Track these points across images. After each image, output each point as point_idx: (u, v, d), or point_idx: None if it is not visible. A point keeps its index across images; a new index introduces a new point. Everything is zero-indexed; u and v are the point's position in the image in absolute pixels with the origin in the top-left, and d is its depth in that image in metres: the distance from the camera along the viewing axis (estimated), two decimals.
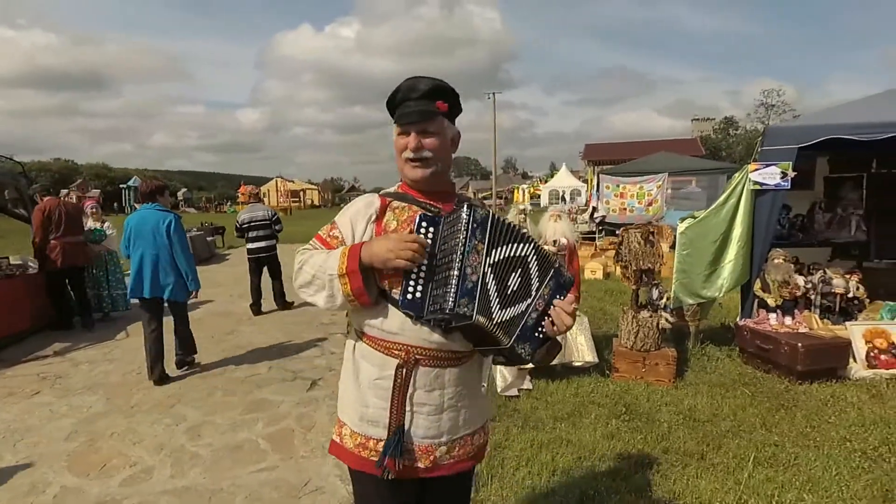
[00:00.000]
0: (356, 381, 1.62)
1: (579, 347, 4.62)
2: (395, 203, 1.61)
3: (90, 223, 7.52)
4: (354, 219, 1.61)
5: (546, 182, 47.23)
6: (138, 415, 4.16)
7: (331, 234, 1.63)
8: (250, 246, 7.51)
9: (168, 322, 5.05)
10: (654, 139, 47.59)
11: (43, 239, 6.53)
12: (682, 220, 5.19)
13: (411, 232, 1.50)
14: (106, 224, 7.62)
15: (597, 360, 4.66)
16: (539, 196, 41.06)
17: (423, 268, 1.46)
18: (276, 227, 7.65)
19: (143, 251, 4.81)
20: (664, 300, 4.80)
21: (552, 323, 1.52)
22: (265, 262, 7.60)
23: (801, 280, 5.04)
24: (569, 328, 1.54)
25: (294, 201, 57.78)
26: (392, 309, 1.52)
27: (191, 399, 4.47)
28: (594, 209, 15.54)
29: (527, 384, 4.44)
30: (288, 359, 5.55)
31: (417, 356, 1.53)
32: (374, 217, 1.59)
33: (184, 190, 64.22)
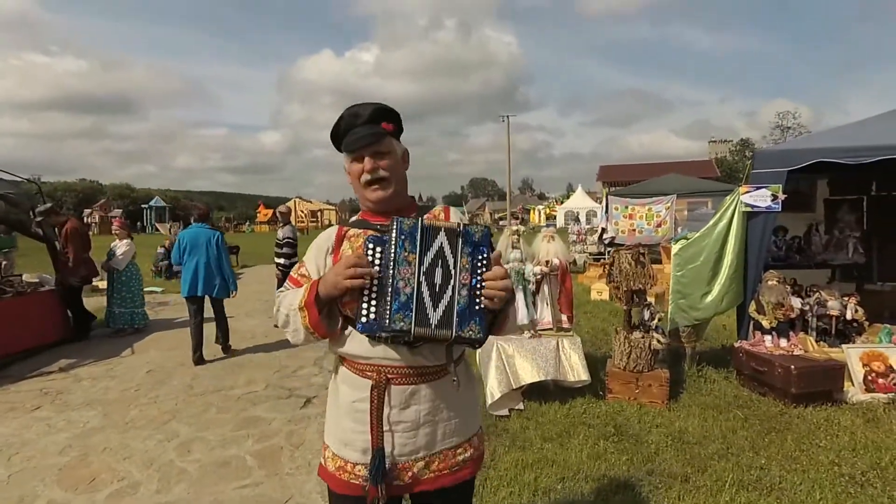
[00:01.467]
0: (336, 404, 1.65)
1: (573, 366, 4.61)
2: (352, 231, 1.65)
3: (116, 242, 7.79)
4: (316, 254, 1.67)
5: (562, 203, 47.24)
6: (132, 430, 4.24)
7: (299, 272, 1.68)
8: (284, 262, 7.66)
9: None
10: (670, 160, 47.47)
11: (77, 256, 7.09)
12: (677, 241, 5.20)
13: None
14: (124, 242, 7.77)
15: (590, 379, 4.64)
16: (555, 217, 41.03)
17: (375, 288, 1.45)
18: (292, 247, 7.83)
19: (197, 259, 6.12)
20: (656, 321, 4.79)
21: (489, 298, 1.45)
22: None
23: (796, 302, 5.00)
24: (508, 293, 1.47)
25: (312, 221, 58.38)
26: (354, 332, 1.54)
27: (185, 416, 4.54)
28: (603, 230, 15.54)
29: (519, 405, 4.44)
30: (285, 377, 5.62)
31: (389, 375, 1.54)
32: (330, 249, 1.64)
33: (193, 206, 65.28)
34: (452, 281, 1.45)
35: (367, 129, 1.60)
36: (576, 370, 4.60)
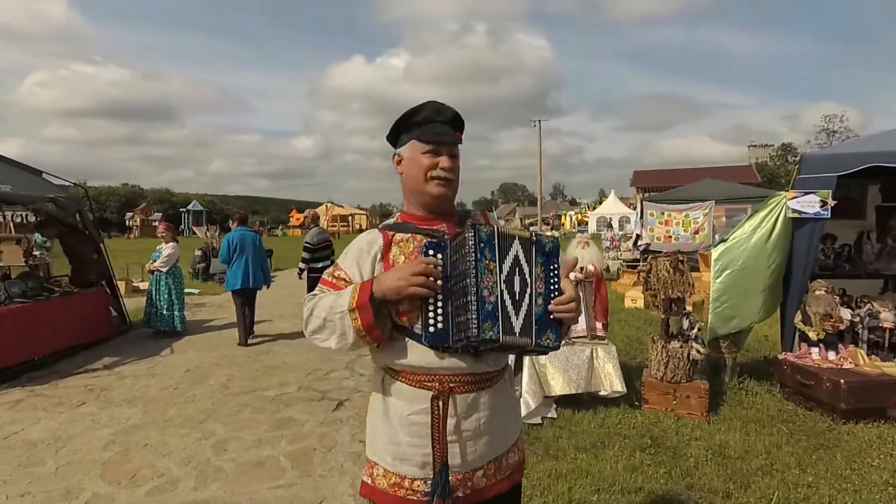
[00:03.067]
0: (386, 418, 1.58)
1: (608, 376, 4.51)
2: (399, 236, 1.59)
3: (161, 245, 8.05)
4: (359, 258, 1.59)
5: (594, 209, 46.62)
6: (171, 428, 4.33)
7: (335, 275, 1.61)
8: (320, 265, 7.75)
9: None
10: (707, 166, 46.28)
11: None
12: (715, 245, 5.05)
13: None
14: (169, 245, 7.94)
15: (625, 389, 4.53)
16: (586, 223, 40.54)
17: (440, 297, 1.43)
18: (332, 250, 8.08)
19: (245, 258, 7.11)
20: (695, 330, 4.65)
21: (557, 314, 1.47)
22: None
23: (846, 313, 4.78)
24: (577, 314, 1.50)
25: (343, 226, 59.14)
26: (416, 343, 1.48)
27: (221, 415, 4.62)
28: (637, 236, 15.25)
29: (552, 413, 4.36)
30: (318, 379, 5.67)
31: (452, 384, 1.50)
32: (379, 255, 1.57)
33: (235, 212, 66.96)
34: (529, 289, 1.45)
35: (449, 129, 1.59)
36: (610, 380, 4.50)
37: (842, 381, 4.13)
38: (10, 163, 7.32)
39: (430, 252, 1.46)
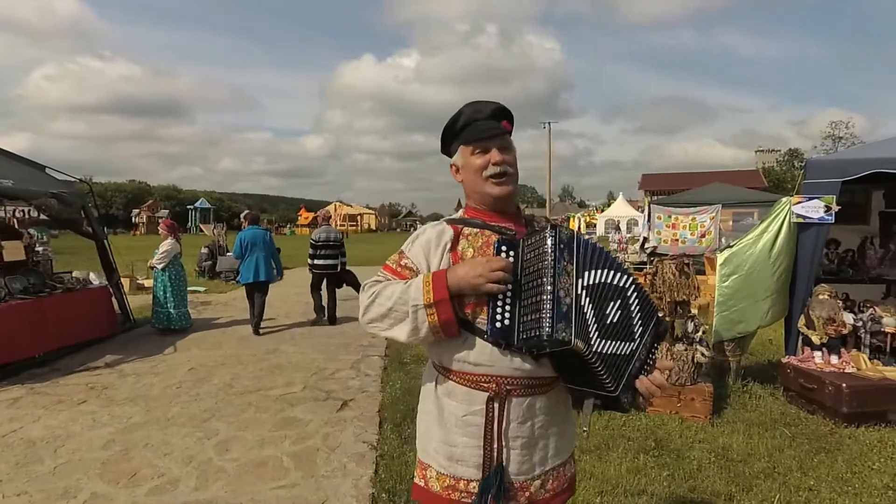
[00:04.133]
0: (440, 419, 1.54)
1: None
2: (468, 230, 1.56)
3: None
4: (427, 248, 1.54)
5: (602, 211, 46.52)
6: (173, 427, 4.33)
7: (401, 263, 1.56)
8: (319, 262, 8.29)
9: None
10: (714, 170, 46.13)
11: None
12: (721, 250, 5.05)
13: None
14: (165, 242, 7.90)
15: None
16: (595, 225, 40.44)
17: (509, 293, 1.40)
18: (342, 250, 8.50)
19: (257, 254, 7.70)
20: (700, 333, 4.65)
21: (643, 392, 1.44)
22: (330, 278, 8.46)
23: (849, 318, 4.78)
24: (656, 395, 1.46)
25: (352, 225, 59.14)
26: (477, 339, 1.44)
27: (224, 414, 4.62)
28: (645, 239, 15.26)
29: None
30: (323, 379, 5.67)
31: (508, 387, 1.46)
32: (448, 246, 1.53)
33: (246, 212, 67.10)
34: (634, 345, 1.43)
35: (492, 123, 1.57)
36: None
37: (844, 385, 4.13)
38: (12, 157, 7.30)
39: (504, 248, 1.44)
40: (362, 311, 1.52)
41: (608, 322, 1.38)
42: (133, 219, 56.70)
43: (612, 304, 1.40)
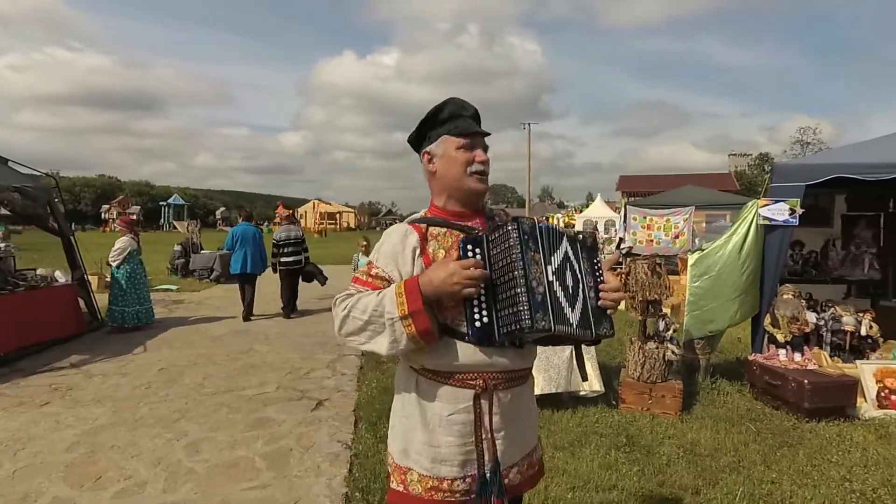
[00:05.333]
0: (423, 421, 1.53)
1: (587, 376, 4.58)
2: (435, 230, 1.55)
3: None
4: (394, 254, 1.52)
5: (581, 212, 47.05)
6: (141, 428, 4.24)
7: (371, 273, 1.53)
8: (284, 259, 8.84)
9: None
10: (689, 172, 47.09)
11: None
12: (692, 252, 5.17)
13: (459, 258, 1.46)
14: (120, 239, 7.82)
15: (603, 389, 4.62)
16: (573, 226, 40.91)
17: (483, 292, 1.42)
18: (304, 246, 9.09)
19: (246, 249, 8.52)
20: (671, 332, 4.75)
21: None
22: (296, 273, 9.00)
23: (811, 317, 4.94)
24: (621, 299, 1.55)
25: (331, 223, 58.46)
26: (457, 341, 1.46)
27: (196, 415, 4.54)
28: (621, 240, 15.49)
29: None
30: (298, 378, 5.61)
31: (494, 381, 1.49)
32: (417, 250, 1.51)
33: (222, 209, 65.75)
34: (581, 284, 1.48)
35: (474, 124, 1.60)
36: (589, 380, 4.57)
37: (806, 381, 4.26)
38: None
39: (470, 247, 1.44)
40: (338, 325, 1.49)
41: (571, 291, 1.44)
42: (103, 215, 55.24)
43: (569, 273, 1.46)
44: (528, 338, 1.40)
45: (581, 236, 1.54)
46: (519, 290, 1.33)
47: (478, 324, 1.40)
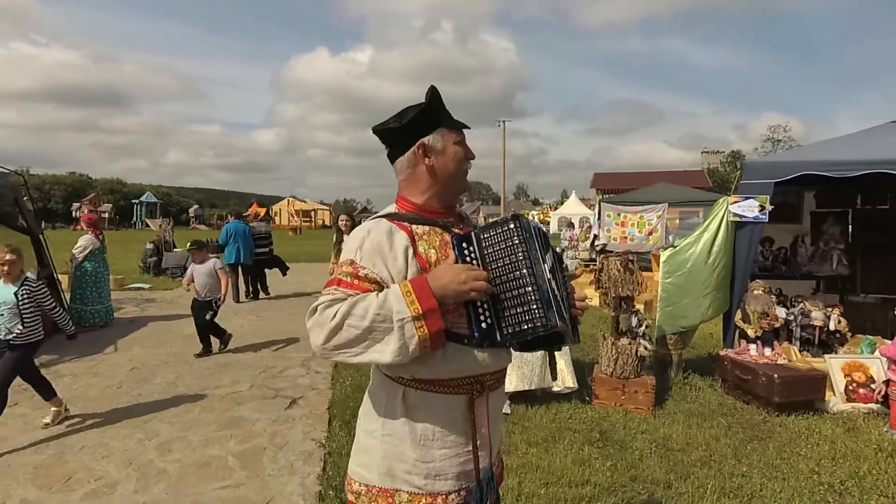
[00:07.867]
0: (412, 437, 1.42)
1: (560, 372, 4.61)
2: (419, 228, 1.44)
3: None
4: (381, 252, 1.38)
5: (556, 209, 47.36)
6: (112, 429, 4.16)
7: (359, 275, 1.36)
8: (255, 251, 10.44)
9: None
10: (663, 170, 47.79)
11: None
12: (664, 249, 5.23)
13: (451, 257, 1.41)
14: (82, 237, 7.69)
15: (577, 385, 4.65)
16: (548, 223, 41.20)
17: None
18: (270, 240, 11.18)
19: (238, 242, 9.93)
20: (643, 328, 4.81)
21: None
22: (264, 264, 10.87)
23: (781, 312, 5.04)
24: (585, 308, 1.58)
25: (305, 221, 57.93)
26: (455, 345, 1.37)
27: (168, 415, 4.47)
28: (595, 237, 15.61)
29: (505, 409, 4.43)
30: (271, 377, 5.56)
31: (487, 382, 1.45)
32: (411, 250, 1.39)
33: (195, 207, 64.87)
34: (566, 286, 1.49)
35: None
36: (562, 377, 4.61)
37: (776, 375, 4.35)
38: None
39: (464, 245, 1.39)
40: (324, 336, 1.30)
41: (559, 293, 1.42)
42: (73, 213, 54.00)
43: (558, 274, 1.47)
44: (540, 336, 1.34)
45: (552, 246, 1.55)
46: (529, 288, 1.29)
47: (483, 325, 1.35)
